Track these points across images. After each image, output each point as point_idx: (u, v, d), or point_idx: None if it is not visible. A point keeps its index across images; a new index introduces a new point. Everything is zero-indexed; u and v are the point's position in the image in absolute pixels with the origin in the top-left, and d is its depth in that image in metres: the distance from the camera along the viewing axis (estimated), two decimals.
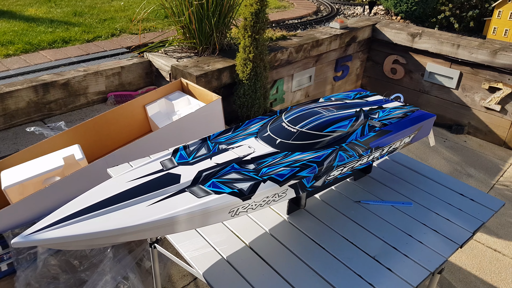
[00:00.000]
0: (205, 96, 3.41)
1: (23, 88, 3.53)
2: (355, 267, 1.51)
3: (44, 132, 3.17)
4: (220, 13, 4.27)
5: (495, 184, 4.50)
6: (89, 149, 3.05)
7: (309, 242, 1.64)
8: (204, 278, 1.45)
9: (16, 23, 5.24)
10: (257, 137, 1.69)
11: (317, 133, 1.63)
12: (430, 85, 5.87)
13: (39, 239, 1.13)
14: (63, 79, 3.75)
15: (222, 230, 1.69)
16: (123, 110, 3.30)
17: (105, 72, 4.02)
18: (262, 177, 1.42)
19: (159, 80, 4.40)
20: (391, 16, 6.80)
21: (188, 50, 4.60)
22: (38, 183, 2.55)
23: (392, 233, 1.69)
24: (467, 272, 3.28)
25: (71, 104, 3.89)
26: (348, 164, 1.64)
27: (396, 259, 1.56)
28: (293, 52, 4.87)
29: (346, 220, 1.77)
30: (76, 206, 1.25)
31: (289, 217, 1.77)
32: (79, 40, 4.86)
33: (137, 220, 1.21)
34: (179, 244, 1.60)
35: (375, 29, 6.06)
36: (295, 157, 1.55)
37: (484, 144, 5.44)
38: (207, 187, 1.37)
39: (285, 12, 6.93)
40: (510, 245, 3.59)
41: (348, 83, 6.41)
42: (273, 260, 1.54)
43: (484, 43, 5.29)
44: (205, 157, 1.55)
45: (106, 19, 5.73)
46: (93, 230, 1.16)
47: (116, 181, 1.38)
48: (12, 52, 4.38)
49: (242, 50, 3.94)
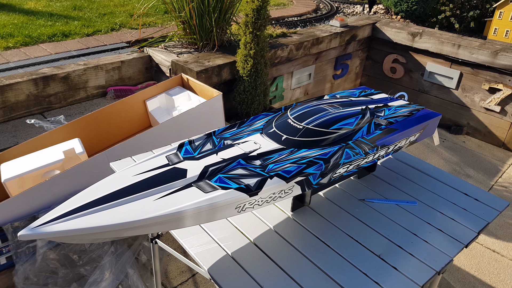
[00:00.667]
0: (205, 92, 3.39)
1: (23, 81, 3.50)
2: (361, 265, 1.50)
3: (44, 125, 3.15)
4: (220, 9, 4.25)
5: (493, 185, 4.51)
6: (89, 143, 3.03)
7: (314, 239, 1.63)
8: (209, 274, 1.44)
9: (16, 16, 5.20)
10: (262, 133, 1.67)
11: (324, 130, 1.62)
12: (429, 85, 5.87)
13: (46, 231, 1.12)
14: (63, 72, 3.72)
15: (226, 226, 1.68)
16: (124, 105, 3.28)
17: (105, 66, 3.99)
18: (269, 173, 1.41)
19: (159, 75, 4.38)
20: (391, 15, 6.80)
21: (189, 45, 4.58)
22: (38, 176, 2.53)
23: (397, 232, 1.69)
24: (465, 273, 3.28)
25: (70, 98, 3.86)
26: (354, 161, 1.63)
27: (402, 258, 1.55)
28: (293, 50, 4.86)
29: (351, 218, 1.76)
30: (83, 199, 1.23)
31: (294, 214, 1.76)
32: (79, 34, 4.83)
33: (145, 214, 1.19)
34: (184, 239, 1.58)
35: (375, 28, 6.05)
36: (301, 153, 1.53)
37: (483, 145, 5.45)
38: (214, 182, 1.36)
39: (284, 9, 6.91)
40: (508, 246, 3.59)
41: (347, 82, 6.40)
42: (278, 257, 1.53)
43: (484, 43, 5.29)
44: (210, 152, 1.53)
45: (106, 14, 5.69)
46: (100, 223, 1.15)
47: (123, 175, 1.36)
48: (12, 45, 4.34)
49: (243, 46, 3.92)
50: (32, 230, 1.12)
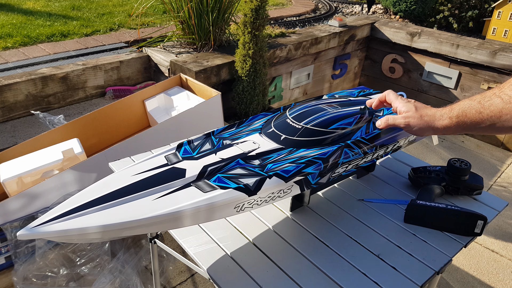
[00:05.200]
0: (204, 92, 3.39)
1: (22, 81, 3.50)
2: (359, 265, 1.50)
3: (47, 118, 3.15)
4: (219, 9, 4.25)
5: (492, 185, 4.51)
6: (87, 143, 3.03)
7: (313, 239, 1.63)
8: (208, 273, 1.44)
9: (15, 16, 5.20)
10: (261, 133, 1.67)
11: (322, 130, 1.62)
12: (428, 84, 5.88)
13: (45, 231, 1.12)
14: (62, 72, 3.72)
15: (225, 226, 1.68)
16: (122, 105, 3.28)
17: (104, 66, 3.99)
18: (268, 173, 1.41)
19: (157, 75, 4.38)
20: (390, 15, 6.80)
21: (187, 45, 4.58)
22: (37, 176, 2.53)
23: (396, 232, 1.69)
24: (464, 273, 3.29)
25: (69, 98, 3.86)
26: (353, 161, 1.63)
27: (401, 257, 1.55)
28: (292, 50, 4.86)
29: (350, 217, 1.76)
30: (82, 199, 1.23)
31: (292, 214, 1.76)
32: (78, 34, 4.83)
33: (144, 214, 1.19)
34: (183, 239, 1.58)
35: (374, 27, 6.06)
36: (300, 153, 1.53)
37: (482, 145, 5.46)
38: (213, 182, 1.35)
39: (283, 9, 6.92)
40: (507, 246, 3.60)
41: (346, 82, 6.40)
42: (277, 257, 1.53)
43: (483, 43, 5.30)
44: (209, 152, 1.53)
45: (105, 14, 5.69)
46: (99, 223, 1.15)
47: (121, 175, 1.36)
48: (11, 45, 4.34)
49: (241, 46, 3.92)
50: (31, 230, 1.12)
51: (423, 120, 1.34)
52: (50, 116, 3.20)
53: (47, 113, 3.23)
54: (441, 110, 1.31)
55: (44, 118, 3.18)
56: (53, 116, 3.22)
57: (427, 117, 1.33)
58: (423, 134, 1.39)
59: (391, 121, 1.46)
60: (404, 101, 1.44)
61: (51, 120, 3.17)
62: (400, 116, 1.42)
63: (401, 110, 1.43)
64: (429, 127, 1.33)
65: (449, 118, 1.27)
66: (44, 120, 3.18)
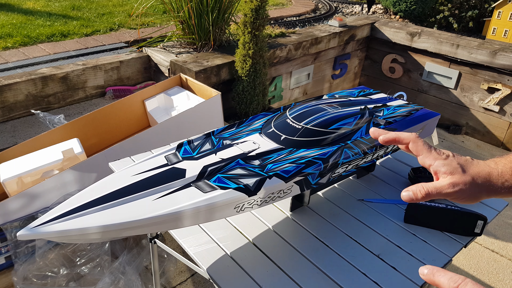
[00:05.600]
0: (204, 92, 3.39)
1: (22, 81, 3.50)
2: (360, 265, 1.50)
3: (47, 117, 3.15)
4: (219, 9, 4.25)
5: None
6: (87, 143, 3.03)
7: (313, 239, 1.63)
8: (208, 273, 1.44)
9: (15, 16, 5.20)
10: (261, 133, 1.67)
11: (322, 130, 1.62)
12: (428, 84, 5.88)
13: (45, 231, 1.12)
14: (62, 72, 3.72)
15: (225, 226, 1.68)
16: (122, 105, 3.28)
17: (104, 66, 3.99)
18: (268, 173, 1.41)
19: (157, 75, 4.38)
20: (390, 15, 6.80)
21: (187, 45, 4.58)
22: (37, 176, 2.53)
23: (396, 232, 1.69)
24: (464, 273, 3.29)
25: (69, 98, 3.86)
26: (353, 161, 1.62)
27: (401, 257, 1.55)
28: (292, 50, 4.86)
29: (350, 218, 1.76)
30: (82, 199, 1.23)
31: (292, 214, 1.76)
32: (78, 34, 4.83)
33: (144, 214, 1.19)
34: (182, 239, 1.58)
35: (374, 27, 6.05)
36: (300, 153, 1.53)
37: (482, 145, 5.45)
38: (213, 182, 1.35)
39: (283, 9, 6.91)
40: (507, 246, 3.60)
41: (346, 82, 6.40)
42: (277, 257, 1.53)
43: (483, 43, 5.30)
44: (209, 152, 1.53)
45: (105, 14, 5.69)
46: (99, 223, 1.15)
47: (121, 175, 1.36)
48: (11, 45, 4.34)
49: (241, 46, 3.92)
50: (31, 230, 1.12)
51: (476, 185, 0.96)
52: (50, 115, 3.21)
53: (47, 113, 3.23)
54: (495, 166, 0.99)
55: (44, 117, 3.18)
56: (53, 116, 3.22)
57: (481, 179, 0.97)
58: (474, 202, 0.99)
59: (433, 192, 0.95)
60: (440, 155, 0.98)
61: (51, 120, 3.17)
62: (445, 184, 0.95)
63: (440, 171, 0.97)
64: (486, 193, 0.98)
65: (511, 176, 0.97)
66: (44, 120, 3.18)
